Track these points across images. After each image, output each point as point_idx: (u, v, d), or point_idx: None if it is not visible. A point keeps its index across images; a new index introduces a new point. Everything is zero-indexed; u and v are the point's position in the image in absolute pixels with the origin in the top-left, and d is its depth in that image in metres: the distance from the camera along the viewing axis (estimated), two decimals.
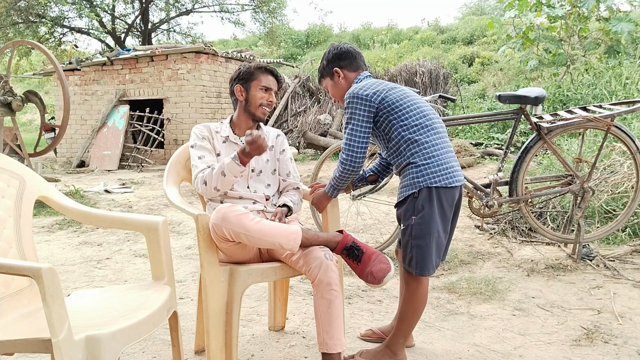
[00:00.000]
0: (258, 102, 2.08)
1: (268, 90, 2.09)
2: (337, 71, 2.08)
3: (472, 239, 3.76)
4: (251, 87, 2.08)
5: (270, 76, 2.11)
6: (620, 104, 3.19)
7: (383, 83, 1.98)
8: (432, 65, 10.80)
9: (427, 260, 1.87)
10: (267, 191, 2.12)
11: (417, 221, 1.86)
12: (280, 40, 18.30)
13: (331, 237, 1.86)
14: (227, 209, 1.76)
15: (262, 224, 1.76)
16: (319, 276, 1.76)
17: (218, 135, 2.12)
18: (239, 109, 2.14)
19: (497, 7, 20.34)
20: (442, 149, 1.90)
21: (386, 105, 1.90)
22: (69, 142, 10.58)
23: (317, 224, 3.64)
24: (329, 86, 2.15)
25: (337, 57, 2.09)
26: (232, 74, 2.16)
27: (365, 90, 1.93)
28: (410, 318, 1.95)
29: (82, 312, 1.63)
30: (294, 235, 1.77)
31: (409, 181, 1.89)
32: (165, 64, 9.73)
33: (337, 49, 2.10)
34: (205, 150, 2.07)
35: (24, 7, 13.62)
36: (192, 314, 2.52)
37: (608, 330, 2.26)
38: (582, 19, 7.52)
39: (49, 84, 17.90)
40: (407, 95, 1.95)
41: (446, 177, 1.86)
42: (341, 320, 1.78)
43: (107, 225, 2.01)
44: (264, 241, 1.75)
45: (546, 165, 4.53)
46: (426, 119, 1.91)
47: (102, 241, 4.04)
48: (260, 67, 2.09)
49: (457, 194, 1.94)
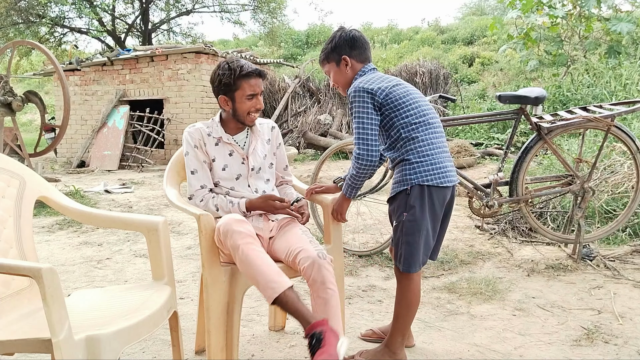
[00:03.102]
0: (246, 112, 2.00)
1: (255, 96, 1.98)
2: (346, 59, 2.00)
3: (472, 239, 3.76)
4: (236, 98, 1.97)
5: (254, 79, 1.96)
6: (621, 104, 3.19)
7: (387, 78, 1.96)
8: (432, 65, 10.80)
9: (415, 257, 1.89)
10: (267, 187, 2.12)
11: (407, 218, 1.87)
12: (281, 41, 18.31)
13: (308, 315, 1.64)
14: (235, 226, 1.76)
15: (257, 255, 1.72)
16: (312, 275, 1.76)
17: (210, 138, 2.04)
18: (226, 113, 2.06)
19: (498, 7, 20.33)
20: (437, 148, 1.90)
21: (389, 102, 1.88)
22: (69, 142, 10.58)
23: (318, 224, 3.63)
24: (332, 71, 2.06)
25: (348, 44, 1.99)
26: (212, 76, 2.01)
27: (371, 85, 1.89)
28: (405, 315, 1.95)
29: (82, 312, 1.63)
30: (273, 285, 1.65)
31: (401, 177, 1.90)
32: (165, 64, 9.73)
33: (349, 35, 1.99)
34: (198, 162, 2.02)
35: (24, 7, 13.63)
36: (193, 314, 2.52)
37: (608, 330, 2.25)
38: (584, 19, 7.51)
39: (49, 84, 17.90)
40: (409, 92, 1.94)
41: (438, 176, 1.87)
42: (339, 319, 1.76)
43: (107, 226, 2.01)
44: (248, 273, 1.72)
45: (546, 165, 4.53)
46: (426, 118, 1.92)
47: (102, 241, 4.04)
48: (242, 75, 1.94)
49: (449, 194, 1.94)
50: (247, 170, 2.06)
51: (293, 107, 10.70)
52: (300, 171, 7.46)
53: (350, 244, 3.69)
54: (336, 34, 2.02)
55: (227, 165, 2.05)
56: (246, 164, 2.06)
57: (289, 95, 10.70)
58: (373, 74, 2.00)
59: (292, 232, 1.99)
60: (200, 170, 2.02)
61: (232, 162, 2.05)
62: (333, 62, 2.04)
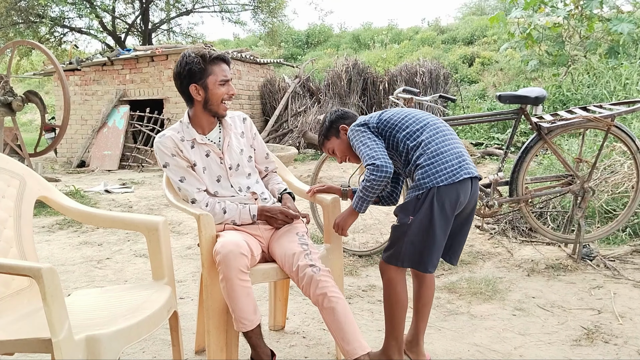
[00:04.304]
0: (220, 99, 1.94)
1: (227, 82, 1.93)
2: (344, 127, 2.13)
3: (472, 239, 3.76)
4: (209, 85, 1.91)
5: (224, 64, 1.93)
6: (621, 104, 3.19)
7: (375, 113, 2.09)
8: (433, 65, 10.78)
9: (425, 257, 1.86)
10: (250, 182, 2.08)
11: (414, 221, 1.85)
12: (281, 41, 18.30)
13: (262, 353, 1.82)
14: (234, 261, 1.73)
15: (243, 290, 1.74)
16: (312, 293, 1.77)
17: (184, 143, 1.98)
18: (196, 107, 1.98)
19: (498, 7, 20.32)
20: (447, 144, 1.88)
21: (385, 122, 1.98)
22: (69, 142, 10.57)
23: (318, 224, 3.64)
24: (336, 145, 2.17)
25: (340, 117, 2.17)
26: (177, 69, 1.92)
27: (359, 120, 2.04)
28: (389, 315, 1.93)
29: (82, 312, 1.63)
30: (245, 322, 1.76)
31: (416, 183, 1.88)
32: (165, 64, 9.73)
33: (338, 112, 2.19)
34: (181, 169, 1.97)
35: (24, 7, 13.62)
36: (192, 314, 2.52)
37: (608, 330, 2.26)
38: (586, 19, 7.51)
39: (49, 84, 17.89)
40: (401, 110, 2.05)
41: (451, 172, 1.82)
42: (352, 323, 1.74)
43: (107, 225, 2.01)
44: (228, 301, 1.76)
45: (546, 165, 4.53)
46: (427, 122, 1.94)
47: (102, 241, 4.04)
48: (212, 59, 1.90)
49: (465, 192, 1.86)
50: (226, 170, 2.03)
51: (293, 107, 10.70)
52: (300, 171, 7.45)
53: (350, 243, 3.69)
54: (325, 117, 2.20)
55: (205, 167, 2.01)
56: (224, 164, 2.02)
57: (289, 95, 10.70)
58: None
59: (288, 238, 1.97)
60: (188, 176, 1.98)
61: (210, 163, 2.01)
62: (333, 137, 2.17)
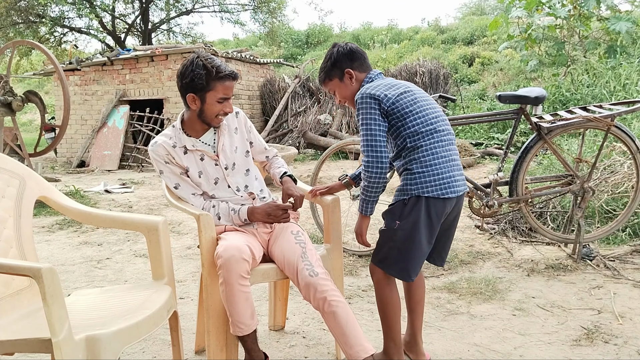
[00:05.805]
0: (214, 114, 1.92)
1: (226, 100, 1.90)
2: (349, 72, 1.96)
3: (472, 239, 3.76)
4: (207, 99, 1.88)
5: (229, 82, 1.88)
6: (620, 104, 3.19)
7: (395, 85, 1.89)
8: (432, 65, 10.79)
9: (409, 265, 1.85)
10: (248, 180, 2.07)
11: (400, 227, 1.84)
12: (281, 40, 18.29)
13: (255, 356, 1.86)
14: (235, 266, 1.74)
15: (242, 295, 1.76)
16: (312, 298, 1.78)
17: (176, 149, 1.97)
18: (191, 112, 1.96)
19: (498, 7, 20.31)
20: (443, 158, 1.83)
21: (396, 110, 1.82)
22: (69, 142, 10.57)
23: (318, 224, 3.64)
24: (336, 88, 2.01)
25: (348, 57, 1.96)
26: (182, 69, 1.88)
27: (378, 91, 1.84)
28: (383, 317, 1.93)
29: (82, 312, 1.63)
30: (242, 327, 1.79)
31: (403, 187, 1.86)
32: (165, 64, 9.72)
33: (346, 48, 1.97)
34: (175, 176, 1.99)
35: (24, 7, 13.62)
36: (192, 314, 2.52)
37: (608, 330, 2.26)
38: (584, 19, 7.51)
39: (49, 84, 17.89)
40: (417, 100, 1.86)
41: (440, 187, 1.80)
42: (354, 326, 1.74)
43: (107, 225, 2.01)
44: (226, 305, 1.78)
45: (546, 165, 4.53)
46: (434, 126, 1.84)
47: (102, 241, 4.04)
48: (218, 77, 1.85)
49: (451, 205, 1.87)
50: (222, 171, 2.01)
51: (293, 107, 10.69)
52: (300, 171, 7.45)
53: (350, 244, 3.69)
54: (333, 50, 1.99)
55: (201, 171, 2.00)
56: (219, 165, 2.01)
57: (289, 95, 10.70)
58: (381, 80, 1.94)
59: (285, 239, 1.97)
60: (182, 182, 2.00)
61: (205, 166, 2.00)
62: (336, 78, 1.99)
